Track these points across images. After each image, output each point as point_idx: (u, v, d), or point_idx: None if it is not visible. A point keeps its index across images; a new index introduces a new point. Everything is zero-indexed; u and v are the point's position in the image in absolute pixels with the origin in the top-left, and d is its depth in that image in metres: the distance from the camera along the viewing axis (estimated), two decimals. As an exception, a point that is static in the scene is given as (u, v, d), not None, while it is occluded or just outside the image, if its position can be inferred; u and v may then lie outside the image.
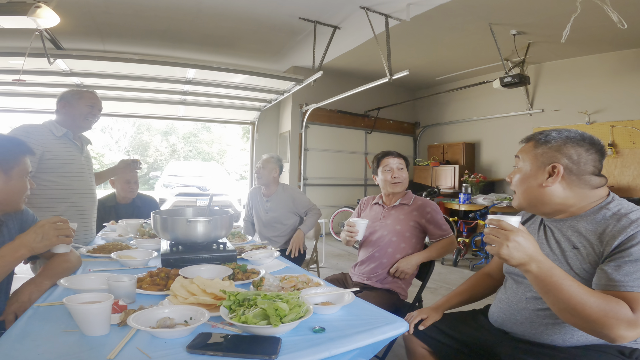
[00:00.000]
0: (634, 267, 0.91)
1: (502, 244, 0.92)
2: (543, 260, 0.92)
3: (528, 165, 1.13)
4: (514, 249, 0.91)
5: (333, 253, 5.24)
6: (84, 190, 2.10)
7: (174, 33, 4.96)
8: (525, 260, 0.92)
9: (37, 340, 0.83)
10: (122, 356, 0.77)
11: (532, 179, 1.11)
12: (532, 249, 0.92)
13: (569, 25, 2.72)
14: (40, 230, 1.17)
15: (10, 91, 4.98)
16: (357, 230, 1.83)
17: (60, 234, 1.20)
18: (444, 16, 4.27)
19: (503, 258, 0.93)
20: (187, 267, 1.38)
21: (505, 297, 1.23)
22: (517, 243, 0.91)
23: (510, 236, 0.91)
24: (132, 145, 23.42)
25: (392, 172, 1.98)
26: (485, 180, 5.93)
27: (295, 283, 1.29)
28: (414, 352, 1.34)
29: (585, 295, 0.89)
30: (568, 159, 1.07)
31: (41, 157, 1.92)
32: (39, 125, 2.01)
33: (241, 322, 0.87)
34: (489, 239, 0.95)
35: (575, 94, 5.42)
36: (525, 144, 1.17)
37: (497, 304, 1.27)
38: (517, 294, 1.18)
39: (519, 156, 1.17)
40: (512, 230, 0.92)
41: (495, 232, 0.94)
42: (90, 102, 2.14)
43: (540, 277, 0.92)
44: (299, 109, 6.69)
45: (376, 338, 0.93)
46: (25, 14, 2.59)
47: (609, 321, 0.86)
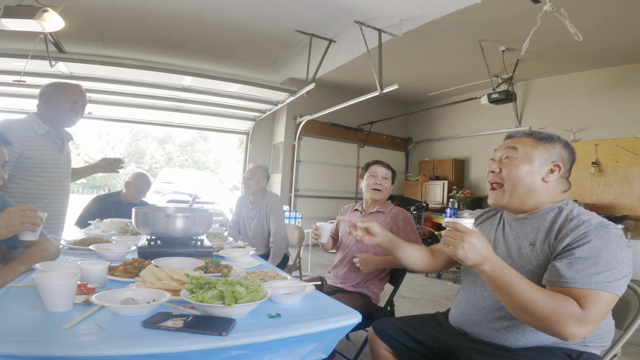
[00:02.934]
0: (584, 265, 0.94)
1: (457, 245, 0.96)
2: (495, 260, 0.97)
3: (532, 158, 1.13)
4: (469, 250, 0.95)
5: (319, 263, 5.26)
6: (58, 190, 2.07)
7: (174, 41, 5.09)
8: (479, 260, 0.96)
9: (1, 313, 0.87)
10: (77, 328, 0.81)
11: (535, 172, 1.13)
12: (485, 249, 0.96)
13: (528, 38, 2.87)
14: (6, 216, 1.20)
15: (11, 92, 5.07)
16: (321, 233, 1.89)
17: (26, 221, 1.22)
18: (435, 32, 4.42)
19: (459, 259, 0.97)
20: (161, 258, 1.43)
21: (465, 297, 1.27)
22: (471, 244, 0.95)
23: (465, 237, 0.96)
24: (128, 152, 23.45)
25: (376, 179, 2.05)
26: (473, 197, 6.02)
27: (263, 276, 1.34)
28: (377, 354, 1.37)
29: (535, 294, 0.92)
30: (562, 160, 1.14)
31: (20, 155, 1.87)
32: (21, 121, 1.94)
33: (198, 301, 0.91)
34: (446, 241, 0.99)
35: (561, 112, 5.53)
36: (522, 137, 1.18)
37: (457, 305, 1.32)
38: (475, 294, 1.22)
39: (516, 147, 1.16)
40: (466, 232, 0.97)
41: (451, 234, 0.99)
42: (73, 98, 2.03)
43: (493, 277, 0.96)
44: (293, 121, 6.80)
45: (328, 326, 0.97)
46: (32, 17, 2.65)
47: (558, 318, 0.89)
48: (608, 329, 1.10)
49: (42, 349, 0.69)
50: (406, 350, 1.31)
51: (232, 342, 0.81)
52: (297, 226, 3.14)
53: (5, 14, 2.53)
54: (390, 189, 2.09)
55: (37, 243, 1.43)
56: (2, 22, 2.60)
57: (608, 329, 1.10)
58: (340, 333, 1.03)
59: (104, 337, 0.77)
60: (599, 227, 0.99)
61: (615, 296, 0.93)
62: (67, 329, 0.79)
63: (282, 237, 2.70)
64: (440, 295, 3.96)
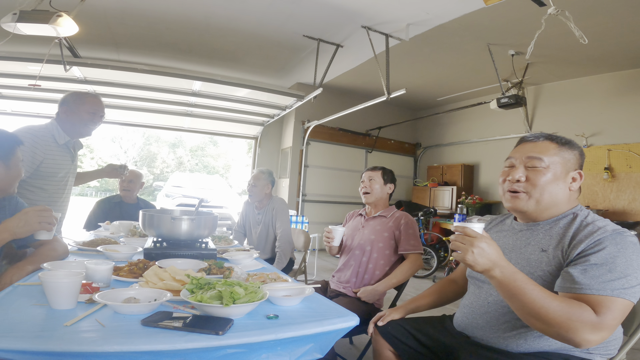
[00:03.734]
0: (599, 272, 0.93)
1: (467, 250, 0.93)
2: (506, 266, 0.94)
3: (558, 167, 1.10)
4: (479, 255, 0.93)
5: (326, 267, 5.25)
6: (62, 199, 2.14)
7: (183, 46, 5.19)
8: (489, 265, 0.94)
9: (6, 310, 0.90)
10: (79, 325, 0.83)
11: (561, 180, 1.10)
12: (495, 254, 0.94)
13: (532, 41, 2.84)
14: (23, 216, 1.25)
15: (26, 96, 5.23)
16: (334, 236, 1.92)
17: (42, 221, 1.27)
18: (443, 36, 4.40)
19: (468, 264, 0.94)
20: (165, 260, 1.46)
21: (469, 302, 1.27)
22: (481, 249, 0.93)
23: (475, 242, 0.93)
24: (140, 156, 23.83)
25: (363, 183, 2.09)
26: (482, 202, 5.96)
27: (264, 279, 1.35)
28: (380, 354, 1.37)
29: (547, 300, 0.90)
30: (580, 166, 1.14)
31: (40, 163, 1.94)
32: (43, 129, 2.00)
33: (197, 300, 0.93)
34: (455, 246, 0.97)
35: (573, 116, 5.43)
36: (543, 142, 1.14)
37: (461, 309, 1.31)
38: (480, 298, 1.21)
39: (541, 157, 1.11)
40: (476, 236, 0.94)
41: (460, 238, 0.96)
42: (92, 109, 2.12)
43: (503, 282, 0.94)
44: (301, 126, 6.83)
45: (324, 328, 0.98)
46: (47, 22, 2.71)
47: (572, 325, 0.87)
48: (615, 337, 1.08)
49: (42, 344, 0.71)
50: (409, 351, 1.31)
51: (228, 342, 0.82)
52: (303, 230, 3.15)
53: (20, 18, 2.61)
54: (380, 189, 2.08)
55: (47, 243, 1.47)
56: (18, 27, 2.68)
57: (615, 337, 1.08)
58: (337, 335, 1.03)
59: (103, 334, 0.79)
60: (614, 234, 0.98)
61: (631, 303, 0.92)
62: (68, 326, 0.82)
63: (288, 241, 2.71)
64: (447, 301, 3.90)
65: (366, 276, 1.95)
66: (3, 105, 5.59)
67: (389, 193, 2.11)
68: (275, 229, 2.78)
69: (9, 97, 5.25)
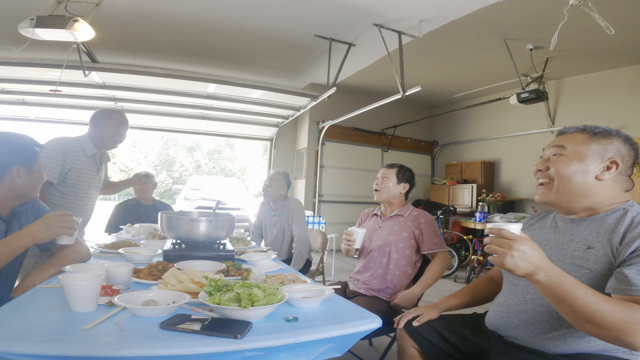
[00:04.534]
0: None
1: (505, 254, 0.87)
2: (551, 269, 0.88)
3: (583, 155, 1.06)
4: (519, 259, 0.86)
5: (343, 268, 5.21)
6: (83, 205, 2.26)
7: (197, 49, 5.24)
8: (532, 269, 0.87)
9: (27, 312, 0.90)
10: (98, 328, 0.83)
11: (587, 170, 1.05)
12: (537, 257, 0.87)
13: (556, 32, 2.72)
14: (45, 221, 1.27)
15: (48, 102, 5.38)
16: (355, 239, 1.86)
17: (64, 225, 1.29)
18: (457, 32, 4.31)
19: (508, 269, 0.88)
20: (184, 262, 1.45)
21: (504, 300, 1.21)
22: (521, 252, 0.86)
23: (514, 245, 0.86)
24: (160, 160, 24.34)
25: (376, 181, 2.05)
26: (504, 200, 5.80)
27: (282, 280, 1.33)
28: (405, 351, 1.33)
29: (602, 303, 0.84)
30: (620, 156, 1.06)
31: (68, 170, 2.09)
32: (75, 141, 2.18)
33: (215, 303, 0.91)
34: (491, 249, 0.90)
35: (598, 110, 5.27)
36: (574, 133, 1.10)
37: (495, 307, 1.25)
38: (516, 297, 1.15)
39: (564, 145, 1.09)
40: (514, 239, 0.87)
41: (497, 241, 0.89)
42: (117, 123, 2.30)
43: (550, 287, 0.87)
44: (316, 126, 6.82)
45: (345, 331, 0.95)
46: (64, 27, 2.77)
47: (632, 328, 0.82)
48: None
49: (59, 349, 0.71)
50: (435, 350, 1.27)
51: (246, 346, 0.80)
52: (320, 231, 3.12)
53: (38, 24, 2.68)
54: (394, 187, 2.01)
55: (69, 246, 1.49)
56: (36, 32, 2.76)
57: None
58: (358, 336, 1.00)
59: (122, 337, 0.78)
60: None
61: None
62: (87, 329, 0.81)
63: (305, 242, 2.69)
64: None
65: (388, 277, 1.90)
66: (27, 112, 5.77)
67: (402, 193, 2.03)
68: (292, 230, 2.76)
69: (32, 103, 5.40)
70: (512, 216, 5.19)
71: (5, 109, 5.63)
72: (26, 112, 5.78)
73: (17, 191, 1.35)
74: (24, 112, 5.78)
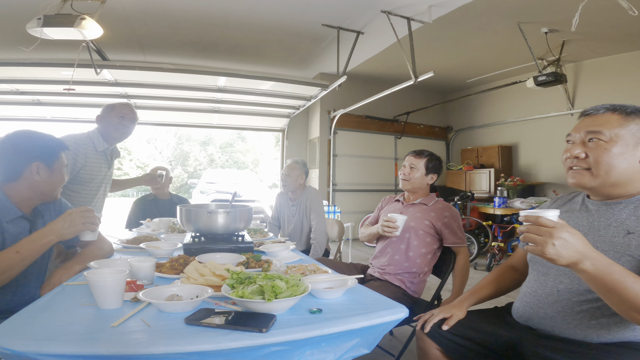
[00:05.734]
0: None
1: (546, 243, 0.81)
2: (598, 257, 0.82)
3: (625, 138, 0.98)
4: (562, 247, 0.80)
5: (360, 257, 5.20)
6: (95, 202, 2.25)
7: (205, 43, 5.22)
8: (578, 258, 0.81)
9: (56, 311, 0.91)
10: (125, 325, 0.83)
11: (629, 154, 0.97)
12: (582, 245, 0.82)
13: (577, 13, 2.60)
14: (68, 218, 1.27)
15: (62, 101, 5.48)
16: (398, 225, 1.82)
17: (86, 221, 1.29)
18: (469, 16, 4.19)
19: (549, 258, 0.82)
20: (204, 255, 1.46)
21: (532, 290, 1.15)
22: (564, 240, 0.80)
23: (555, 233, 0.81)
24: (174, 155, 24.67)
25: (404, 169, 2.00)
26: (524, 184, 5.66)
27: (303, 270, 1.32)
28: (427, 353, 1.27)
29: None
30: None
31: (80, 168, 2.07)
32: (85, 137, 2.14)
33: (238, 296, 0.91)
34: (529, 238, 0.84)
35: (618, 92, 5.08)
36: (605, 114, 1.02)
37: (522, 298, 1.19)
38: (547, 287, 1.10)
39: (600, 130, 1.00)
40: (554, 226, 0.82)
41: (535, 229, 0.84)
42: (121, 113, 2.23)
43: (598, 277, 0.82)
44: (327, 115, 6.76)
45: (372, 321, 0.93)
46: (72, 25, 2.78)
47: None
48: None
49: (90, 348, 0.71)
50: (458, 348, 1.21)
51: (272, 339, 0.79)
52: (337, 220, 3.11)
53: (45, 23, 2.69)
54: (420, 178, 1.97)
55: (92, 243, 1.51)
56: (45, 31, 2.77)
57: None
58: (385, 328, 0.98)
59: (149, 334, 0.78)
60: None
61: None
62: (115, 327, 0.82)
63: (323, 232, 2.68)
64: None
65: (405, 264, 1.87)
66: (43, 112, 5.88)
67: (429, 183, 2.00)
68: (310, 220, 2.75)
69: (47, 103, 5.51)
70: (533, 201, 5.07)
71: (22, 110, 5.76)
72: (42, 112, 5.90)
73: (37, 189, 1.35)
74: (40, 112, 5.89)
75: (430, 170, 1.97)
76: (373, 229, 1.99)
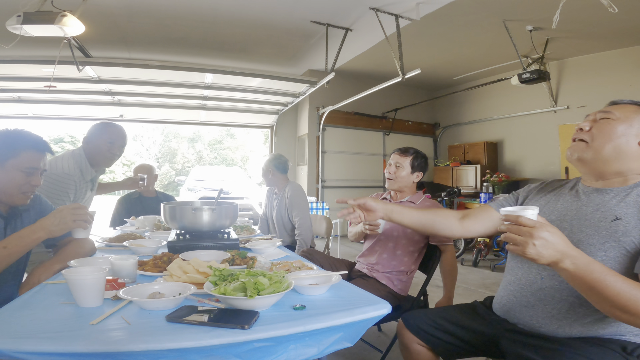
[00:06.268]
0: None
1: (527, 243, 0.81)
2: (578, 256, 0.82)
3: (631, 120, 1.03)
4: (542, 247, 0.81)
5: (349, 253, 5.22)
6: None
7: (192, 39, 5.16)
8: (558, 257, 0.82)
9: (34, 309, 0.90)
10: (105, 323, 0.82)
11: (632, 134, 1.02)
12: (562, 243, 0.82)
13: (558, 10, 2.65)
14: (58, 214, 1.23)
15: (45, 99, 5.33)
16: (379, 223, 1.81)
17: (77, 219, 1.25)
18: (456, 14, 4.23)
19: (530, 258, 0.82)
20: (188, 252, 1.45)
21: (516, 277, 1.15)
22: (544, 240, 0.81)
23: (535, 233, 0.81)
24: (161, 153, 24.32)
25: (389, 167, 2.00)
26: (509, 180, 5.76)
27: (288, 267, 1.32)
28: (409, 349, 1.29)
29: (635, 290, 0.80)
30: None
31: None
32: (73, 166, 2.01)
33: (220, 293, 0.90)
34: (509, 238, 0.84)
35: (601, 90, 5.21)
36: (626, 105, 1.08)
37: (506, 287, 1.19)
38: (530, 274, 1.11)
39: (612, 111, 1.06)
40: (534, 225, 0.82)
41: (515, 229, 0.84)
42: (110, 139, 2.13)
43: (578, 275, 0.82)
44: (316, 112, 6.76)
45: (355, 317, 0.93)
46: (53, 22, 2.70)
47: None
48: None
49: (68, 345, 0.70)
50: (441, 344, 1.23)
51: (255, 336, 0.79)
52: (325, 217, 3.11)
53: (25, 20, 2.62)
54: (408, 177, 1.97)
55: (73, 241, 1.48)
56: (24, 29, 2.70)
57: None
58: (368, 323, 0.99)
59: (129, 332, 0.77)
60: None
61: None
62: (94, 325, 0.80)
63: (307, 228, 2.67)
64: (477, 284, 3.82)
65: (393, 262, 1.88)
66: (24, 109, 5.74)
67: (415, 182, 2.00)
68: (292, 217, 2.76)
69: (28, 100, 5.36)
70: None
71: (2, 107, 5.60)
72: (23, 109, 5.75)
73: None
74: (21, 109, 5.74)
75: (416, 168, 1.97)
76: (358, 227, 1.99)
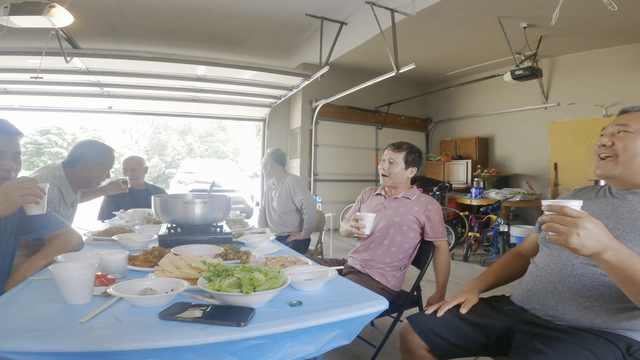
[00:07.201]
0: None
1: (571, 233, 0.81)
2: (620, 248, 0.83)
3: None
4: (586, 237, 0.81)
5: (342, 248, 5.23)
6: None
7: (184, 32, 5.06)
8: (600, 248, 0.82)
9: (20, 307, 0.86)
10: (94, 321, 0.79)
11: None
12: (605, 235, 0.83)
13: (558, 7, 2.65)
14: (3, 190, 1.11)
15: (31, 90, 5.19)
16: (365, 224, 1.80)
17: (26, 193, 1.13)
18: (451, 9, 4.21)
19: (573, 248, 0.82)
20: (180, 246, 1.41)
21: (545, 264, 1.15)
22: (588, 230, 0.81)
23: (579, 223, 0.81)
24: (151, 145, 23.97)
25: (383, 164, 1.98)
26: (499, 175, 5.82)
27: (283, 262, 1.30)
28: (413, 353, 1.23)
29: None
30: None
31: None
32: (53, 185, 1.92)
33: (215, 289, 0.88)
34: (552, 228, 0.84)
35: (592, 87, 5.26)
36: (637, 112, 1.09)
37: (532, 273, 1.19)
38: (560, 261, 1.10)
39: (628, 124, 1.07)
40: (579, 216, 0.82)
41: (559, 219, 0.84)
42: (110, 167, 2.15)
43: (619, 267, 0.83)
44: (309, 105, 6.71)
45: (352, 314, 0.92)
46: (40, 13, 2.64)
47: None
48: None
49: (55, 344, 0.67)
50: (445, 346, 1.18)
51: (251, 333, 0.77)
52: (317, 210, 3.10)
53: (12, 11, 2.54)
54: (402, 173, 1.94)
55: (60, 236, 1.44)
56: (11, 20, 2.62)
57: None
58: (365, 320, 0.98)
59: (120, 330, 0.75)
60: None
61: None
62: (83, 323, 0.77)
63: (313, 205, 2.89)
64: (468, 278, 3.86)
65: (387, 259, 1.87)
66: (9, 101, 5.59)
67: (409, 177, 1.98)
68: (296, 202, 2.93)
69: (14, 92, 5.23)
70: (508, 191, 5.21)
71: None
72: (9, 101, 5.60)
73: None
74: (7, 101, 5.59)
75: (410, 163, 1.95)
76: (349, 225, 1.98)
